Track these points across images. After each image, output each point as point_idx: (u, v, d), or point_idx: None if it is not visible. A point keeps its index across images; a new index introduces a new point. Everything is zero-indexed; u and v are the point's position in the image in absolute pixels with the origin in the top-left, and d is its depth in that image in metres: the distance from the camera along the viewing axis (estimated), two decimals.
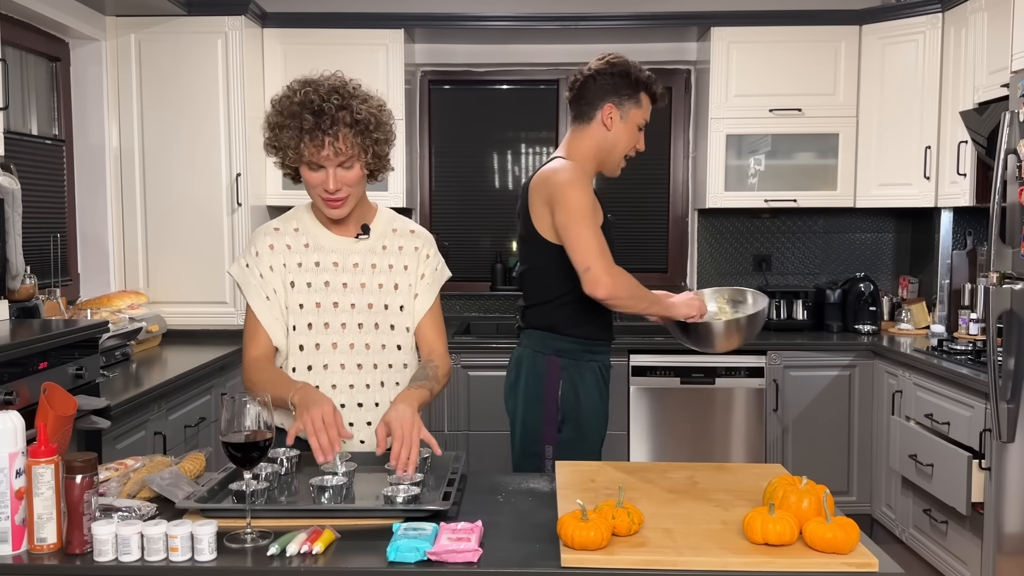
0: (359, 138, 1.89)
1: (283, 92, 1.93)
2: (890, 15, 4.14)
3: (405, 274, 2.07)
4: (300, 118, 1.86)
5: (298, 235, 2.04)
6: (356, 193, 1.97)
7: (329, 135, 1.86)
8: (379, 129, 1.93)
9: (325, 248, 2.03)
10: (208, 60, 3.94)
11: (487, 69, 4.72)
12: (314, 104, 1.86)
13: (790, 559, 1.45)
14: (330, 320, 2.01)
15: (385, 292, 2.05)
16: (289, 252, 2.03)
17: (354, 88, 1.94)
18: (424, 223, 4.78)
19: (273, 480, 1.80)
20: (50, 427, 1.75)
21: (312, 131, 1.86)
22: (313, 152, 1.88)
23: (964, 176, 3.78)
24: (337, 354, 2.02)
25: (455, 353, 4.01)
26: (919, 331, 4.22)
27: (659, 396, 4.00)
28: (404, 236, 2.10)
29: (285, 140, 1.89)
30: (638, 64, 2.49)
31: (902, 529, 3.76)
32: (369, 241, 2.06)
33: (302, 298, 2.01)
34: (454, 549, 1.47)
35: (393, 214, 2.15)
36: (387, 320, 2.05)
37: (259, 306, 2.01)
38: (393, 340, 2.06)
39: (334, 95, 1.87)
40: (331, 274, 2.02)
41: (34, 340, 2.59)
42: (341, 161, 1.90)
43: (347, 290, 2.02)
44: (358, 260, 2.04)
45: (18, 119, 3.57)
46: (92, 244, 4.00)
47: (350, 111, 1.88)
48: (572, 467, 1.97)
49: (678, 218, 4.78)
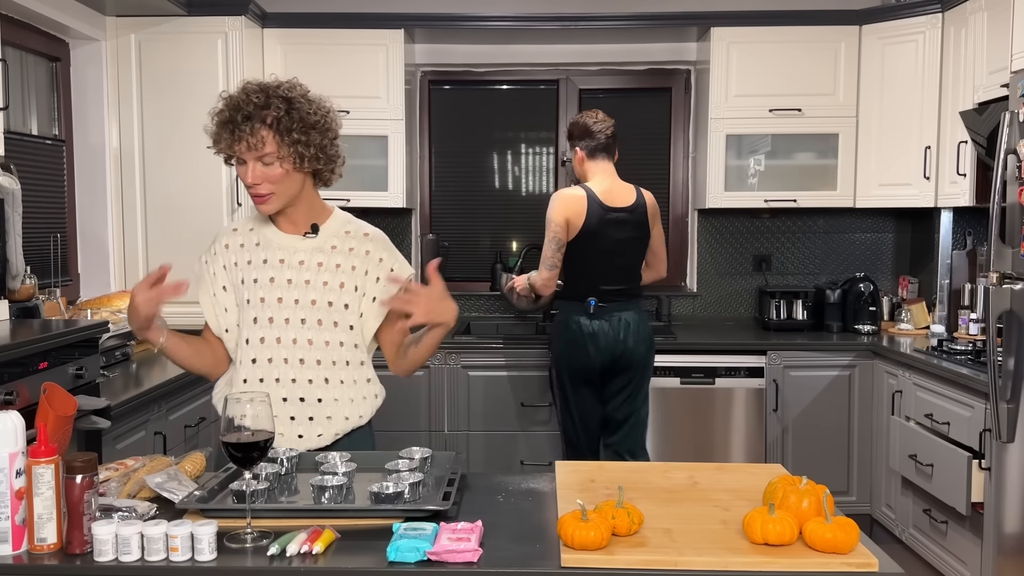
0: (277, 137, 1.96)
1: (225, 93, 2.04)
2: (890, 15, 4.14)
3: (353, 275, 2.10)
4: (223, 113, 1.97)
5: (252, 234, 2.13)
6: (283, 191, 2.02)
7: (243, 130, 1.94)
8: (303, 131, 1.97)
9: (273, 245, 2.10)
10: (208, 60, 3.94)
11: (487, 69, 4.72)
12: (236, 102, 1.96)
13: (790, 559, 1.45)
14: (274, 315, 2.06)
15: (330, 290, 2.08)
16: (242, 251, 2.11)
17: (288, 90, 1.99)
18: (424, 223, 4.78)
19: (273, 480, 1.80)
20: (50, 427, 1.75)
21: (229, 125, 1.95)
22: (231, 145, 1.97)
23: (964, 176, 3.78)
24: (281, 348, 2.06)
25: (455, 353, 4.01)
26: (919, 331, 4.22)
27: (659, 396, 3.99)
28: (357, 238, 2.14)
29: (214, 135, 2.00)
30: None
31: (902, 529, 3.76)
32: (317, 240, 2.10)
33: (249, 293, 2.07)
34: (454, 549, 1.47)
35: (350, 217, 2.19)
36: (331, 317, 2.08)
37: (205, 301, 2.13)
38: (337, 337, 2.09)
39: (257, 95, 1.96)
40: (277, 271, 2.08)
41: (34, 340, 2.59)
42: (259, 156, 1.96)
43: (291, 286, 2.07)
44: (304, 258, 2.09)
45: (18, 119, 3.57)
46: (92, 244, 4.00)
47: (270, 110, 1.95)
48: (572, 467, 1.97)
49: (678, 218, 4.78)
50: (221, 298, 2.11)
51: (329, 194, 4.28)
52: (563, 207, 3.48)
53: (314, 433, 2.07)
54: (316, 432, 2.07)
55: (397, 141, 4.26)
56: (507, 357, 4.04)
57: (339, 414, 2.10)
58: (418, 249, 4.73)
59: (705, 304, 4.73)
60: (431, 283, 1.98)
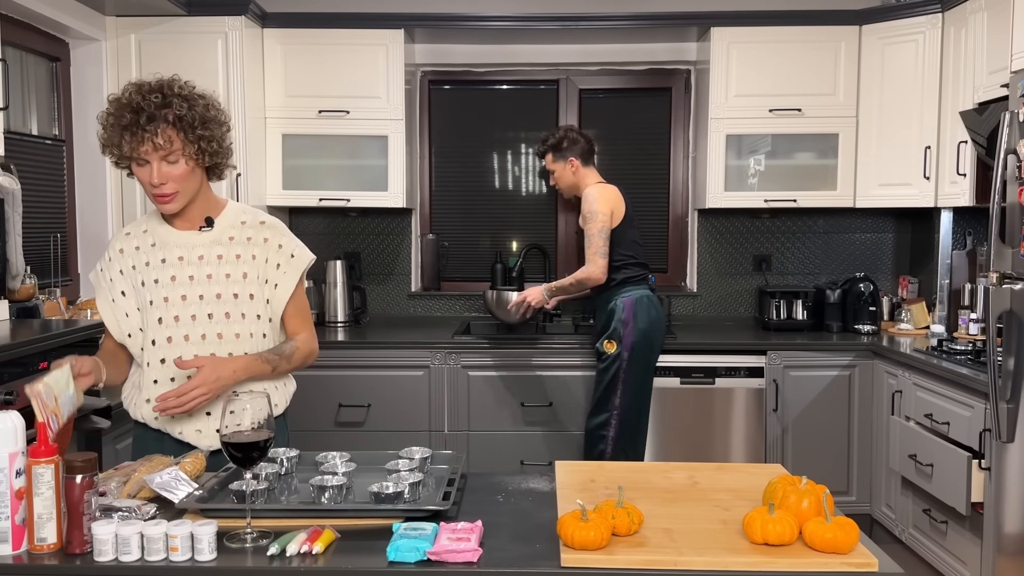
0: (181, 134, 1.96)
1: (116, 94, 2.02)
2: (890, 15, 4.14)
3: (254, 263, 2.11)
4: (121, 116, 1.94)
5: (146, 236, 2.12)
6: (187, 188, 2.03)
7: (147, 131, 1.93)
8: (204, 126, 1.99)
9: (170, 244, 2.09)
10: (208, 60, 3.93)
11: (487, 69, 4.72)
12: (134, 103, 1.95)
13: (790, 559, 1.45)
14: (180, 313, 2.06)
15: (233, 281, 2.09)
16: (138, 253, 2.10)
17: (180, 88, 2.01)
18: (424, 223, 4.78)
19: (273, 480, 1.80)
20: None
21: (131, 127, 1.93)
22: (134, 147, 1.95)
23: (964, 176, 3.78)
24: (190, 346, 2.06)
25: (455, 353, 4.01)
26: (919, 331, 4.22)
27: (659, 396, 3.99)
28: (253, 227, 2.14)
29: (110, 138, 1.97)
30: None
31: (902, 529, 3.76)
32: (214, 233, 2.11)
33: (151, 295, 2.07)
34: (454, 549, 1.47)
35: (244, 208, 2.20)
36: (238, 309, 2.09)
37: (104, 308, 2.12)
38: (247, 329, 2.09)
39: (155, 94, 1.96)
40: (177, 268, 2.07)
41: (34, 340, 2.59)
42: (163, 156, 1.96)
43: (194, 282, 2.07)
44: (203, 252, 2.09)
45: (18, 119, 3.57)
46: (92, 244, 4.00)
47: (171, 108, 1.95)
48: (572, 467, 1.97)
49: (678, 218, 4.78)
50: (120, 303, 2.09)
51: (329, 194, 4.30)
52: (606, 198, 3.76)
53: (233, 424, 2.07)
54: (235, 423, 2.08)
55: (397, 141, 4.25)
56: (507, 357, 4.04)
57: None
58: (418, 249, 4.73)
59: (705, 304, 4.73)
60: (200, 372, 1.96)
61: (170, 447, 2.07)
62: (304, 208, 4.52)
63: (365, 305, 4.62)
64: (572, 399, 4.02)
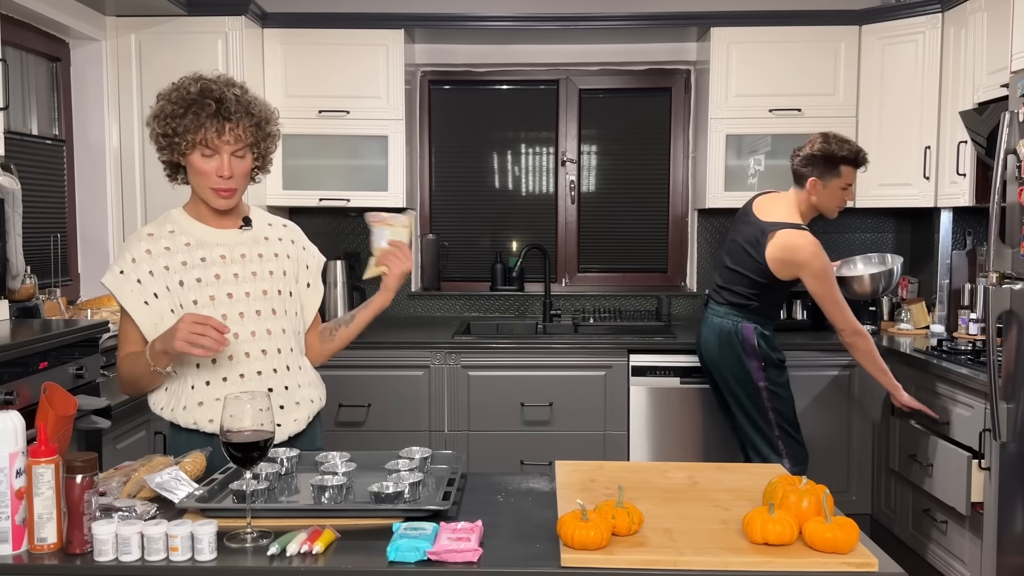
0: (254, 129, 1.99)
1: (174, 86, 2.00)
2: (890, 15, 4.14)
3: (289, 262, 2.16)
4: (201, 104, 1.93)
5: (175, 236, 2.07)
6: (243, 185, 2.05)
7: (231, 121, 1.94)
8: (268, 125, 2.03)
9: (209, 243, 2.07)
10: (208, 60, 3.93)
11: (487, 69, 4.72)
12: (215, 92, 1.95)
13: (790, 559, 1.45)
14: (227, 311, 2.04)
15: (276, 279, 2.11)
16: (169, 254, 2.05)
17: (244, 87, 2.04)
18: (424, 223, 4.78)
19: (273, 480, 1.80)
20: (50, 427, 1.75)
21: (215, 116, 1.93)
22: (213, 137, 1.94)
23: (964, 176, 3.78)
24: (240, 343, 2.04)
25: (455, 353, 4.01)
26: (919, 331, 4.22)
27: (659, 396, 4.00)
28: (278, 229, 2.19)
29: (185, 126, 1.94)
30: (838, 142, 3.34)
31: (902, 529, 3.76)
32: (252, 232, 2.13)
33: (194, 294, 2.03)
34: (454, 549, 1.47)
35: (262, 211, 2.23)
36: (281, 306, 2.11)
37: (138, 311, 2.02)
38: (288, 325, 2.12)
39: (235, 88, 1.98)
40: (220, 267, 2.06)
41: (34, 340, 2.59)
42: (236, 148, 1.97)
43: (239, 280, 2.06)
44: (244, 251, 2.10)
45: (18, 119, 3.57)
46: (92, 244, 4.00)
47: (250, 103, 1.99)
48: (572, 467, 1.97)
49: (678, 218, 4.78)
50: (155, 306, 2.02)
51: (329, 194, 4.30)
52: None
53: (290, 419, 2.09)
54: (292, 418, 2.10)
55: (397, 141, 4.25)
56: (507, 357, 4.04)
57: (306, 397, 2.14)
58: (418, 249, 4.74)
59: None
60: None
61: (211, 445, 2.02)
62: (304, 208, 4.52)
63: None
64: (572, 399, 4.02)
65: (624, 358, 4.00)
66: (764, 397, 3.37)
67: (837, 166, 3.31)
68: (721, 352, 3.41)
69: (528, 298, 4.71)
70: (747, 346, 3.36)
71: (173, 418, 2.04)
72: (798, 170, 3.38)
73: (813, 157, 3.33)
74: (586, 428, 4.02)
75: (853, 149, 3.34)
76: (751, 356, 3.36)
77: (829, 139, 3.34)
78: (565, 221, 4.78)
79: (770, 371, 3.37)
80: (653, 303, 4.66)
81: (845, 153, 3.31)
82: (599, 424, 4.02)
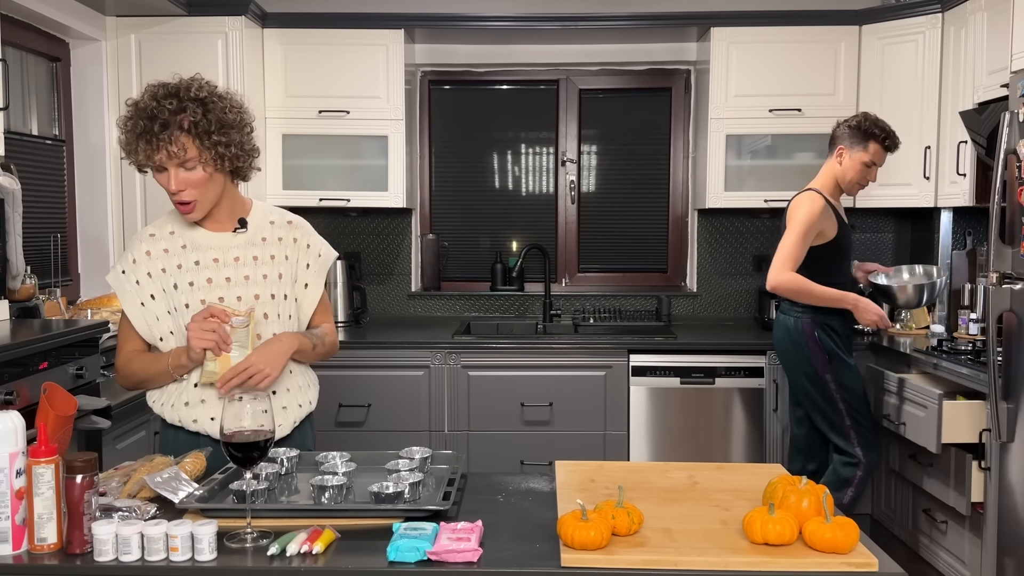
0: (196, 141, 1.91)
1: (135, 98, 1.97)
2: (890, 15, 4.14)
3: (286, 264, 2.12)
4: (136, 123, 1.90)
5: (174, 238, 2.07)
6: (206, 195, 1.99)
7: (161, 139, 1.89)
8: (221, 131, 1.94)
9: (203, 246, 2.06)
10: (208, 60, 3.93)
11: (487, 69, 4.72)
12: (149, 109, 1.90)
13: (790, 559, 1.46)
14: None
15: (271, 282, 2.09)
16: (167, 256, 2.05)
17: (198, 90, 1.95)
18: (424, 223, 4.78)
19: (273, 480, 1.80)
20: (50, 427, 1.75)
21: (145, 134, 1.89)
22: (149, 155, 1.91)
23: (964, 176, 3.78)
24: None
25: (455, 353, 4.01)
26: (919, 331, 4.21)
27: (659, 396, 4.00)
28: (282, 227, 2.14)
29: (128, 144, 1.93)
30: (874, 120, 3.45)
31: (902, 529, 3.76)
32: (247, 234, 2.10)
33: (186, 298, 2.03)
34: (454, 549, 1.47)
35: (269, 207, 2.19)
36: (273, 310, 2.08)
37: (134, 312, 2.04)
38: (282, 329, 2.09)
39: (170, 100, 1.90)
40: (213, 270, 2.05)
41: (34, 340, 2.59)
42: (180, 163, 1.92)
43: (231, 284, 2.05)
44: (239, 254, 2.07)
45: (18, 119, 3.57)
46: (92, 244, 4.00)
47: (186, 114, 1.90)
48: (572, 467, 1.97)
49: (678, 218, 4.78)
50: (151, 307, 2.03)
51: (329, 194, 4.30)
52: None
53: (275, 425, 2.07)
54: (277, 423, 2.07)
55: (397, 141, 4.26)
56: (507, 357, 4.04)
57: (293, 402, 2.13)
58: (418, 249, 4.74)
59: (705, 304, 4.73)
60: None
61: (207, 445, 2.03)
62: (304, 208, 4.51)
63: (365, 305, 4.62)
64: (572, 399, 4.02)
65: (624, 358, 4.00)
66: (832, 389, 3.42)
67: (866, 141, 3.43)
68: (786, 347, 3.48)
69: (528, 298, 4.71)
70: (808, 340, 3.40)
71: (162, 413, 2.07)
72: (833, 136, 3.53)
73: (848, 127, 3.47)
74: (586, 428, 4.02)
75: (886, 130, 3.46)
76: (814, 350, 3.40)
77: (868, 116, 3.48)
78: (565, 221, 4.78)
79: (836, 363, 3.41)
80: (653, 303, 4.66)
81: (876, 131, 3.44)
82: (599, 424, 4.02)
